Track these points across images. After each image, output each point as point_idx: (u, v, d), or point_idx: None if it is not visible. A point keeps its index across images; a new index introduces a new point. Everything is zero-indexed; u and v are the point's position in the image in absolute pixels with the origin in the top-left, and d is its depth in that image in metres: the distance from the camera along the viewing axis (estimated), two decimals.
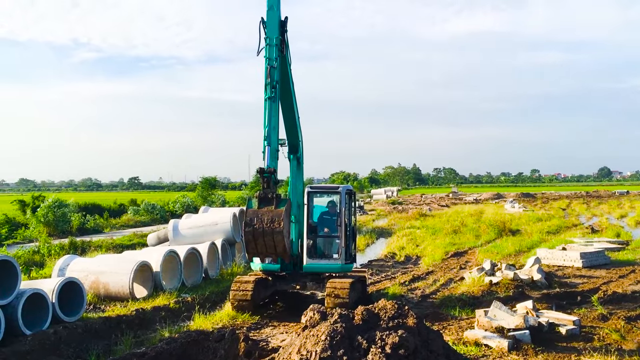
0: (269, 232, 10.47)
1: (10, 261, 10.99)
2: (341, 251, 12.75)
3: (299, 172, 13.77)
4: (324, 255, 13.04)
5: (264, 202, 10.69)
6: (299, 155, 13.69)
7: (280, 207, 10.65)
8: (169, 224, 22.58)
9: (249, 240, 10.79)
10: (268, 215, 10.52)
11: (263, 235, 10.48)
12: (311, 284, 12.86)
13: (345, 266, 12.88)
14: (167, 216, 41.26)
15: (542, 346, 9.35)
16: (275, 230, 10.41)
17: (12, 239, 29.13)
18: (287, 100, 12.86)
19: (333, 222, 13.13)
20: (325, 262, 12.89)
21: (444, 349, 6.78)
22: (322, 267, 12.83)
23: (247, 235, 10.78)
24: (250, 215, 10.61)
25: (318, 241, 13.19)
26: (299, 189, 13.50)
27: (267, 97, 11.27)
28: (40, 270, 18.30)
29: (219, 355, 8.83)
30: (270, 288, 13.19)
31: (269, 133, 11.14)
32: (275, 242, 10.61)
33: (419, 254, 21.94)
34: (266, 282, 13.02)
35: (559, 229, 29.76)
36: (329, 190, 13.96)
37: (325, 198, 13.80)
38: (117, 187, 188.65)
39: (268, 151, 11.12)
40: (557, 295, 13.03)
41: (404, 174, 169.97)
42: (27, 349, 10.07)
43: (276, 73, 11.38)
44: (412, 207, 53.07)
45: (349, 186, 13.58)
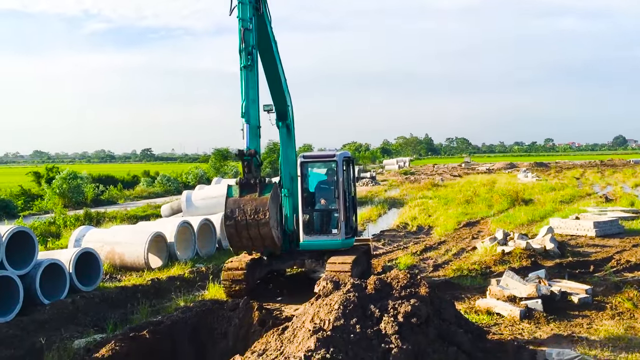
0: (254, 225, 9.37)
1: (28, 232, 11.16)
2: (340, 225, 11.57)
3: (290, 140, 12.50)
4: (322, 231, 11.78)
5: (246, 189, 9.62)
6: (289, 122, 12.38)
7: (265, 194, 9.58)
8: (182, 195, 22.79)
9: (231, 234, 9.72)
10: (251, 204, 9.43)
11: (247, 228, 9.42)
12: (310, 261, 11.71)
13: (345, 241, 11.77)
14: (180, 187, 41.53)
15: (554, 315, 9.39)
16: (261, 222, 9.32)
17: (28, 210, 29.55)
18: (270, 66, 11.53)
19: (331, 193, 11.93)
20: (324, 239, 11.65)
21: (455, 317, 6.84)
22: (320, 244, 11.61)
23: (228, 229, 9.67)
24: (231, 206, 9.50)
25: (315, 216, 11.97)
26: (291, 159, 12.35)
27: (243, 66, 9.95)
28: (56, 241, 18.58)
29: (233, 323, 8.97)
30: (265, 268, 11.94)
31: (247, 108, 9.84)
32: (262, 235, 9.54)
33: (431, 224, 21.95)
34: (260, 262, 11.74)
35: (573, 199, 29.58)
36: (324, 158, 12.41)
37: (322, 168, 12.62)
38: (130, 159, 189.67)
39: (247, 129, 9.80)
40: (570, 265, 13.02)
41: (416, 144, 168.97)
42: (45, 317, 10.29)
43: (252, 36, 10.05)
44: (424, 178, 52.93)
45: (346, 153, 12.36)
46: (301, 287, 11.69)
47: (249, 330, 8.80)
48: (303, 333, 6.10)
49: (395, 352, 5.61)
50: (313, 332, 5.83)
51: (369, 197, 34.30)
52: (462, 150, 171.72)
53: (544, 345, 8.06)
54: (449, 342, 6.23)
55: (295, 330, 6.58)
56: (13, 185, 35.97)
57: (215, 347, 8.80)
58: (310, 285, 10.44)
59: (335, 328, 5.87)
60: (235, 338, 8.75)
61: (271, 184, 9.98)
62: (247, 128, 9.73)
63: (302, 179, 11.80)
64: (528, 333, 8.68)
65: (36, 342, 9.17)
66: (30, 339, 9.40)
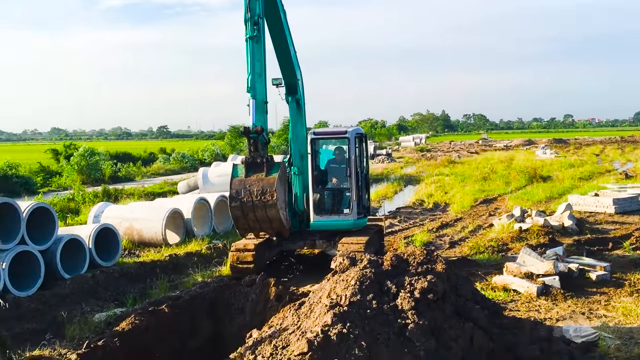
0: (260, 206, 8.93)
1: (48, 208, 11.31)
2: (352, 205, 11.13)
3: (300, 116, 11.98)
4: (333, 211, 11.36)
5: (252, 168, 9.15)
6: (299, 97, 11.81)
7: (272, 173, 9.11)
8: (199, 172, 22.92)
9: (237, 216, 9.27)
10: (257, 185, 8.99)
11: (253, 210, 8.99)
12: (321, 241, 11.28)
13: (358, 222, 11.35)
14: (196, 164, 41.76)
15: (571, 292, 9.36)
16: (268, 203, 8.88)
17: (47, 187, 29.93)
18: (279, 37, 10.90)
19: (342, 171, 11.52)
20: (335, 219, 11.23)
21: (472, 294, 6.83)
22: (331, 224, 11.20)
23: (234, 211, 9.22)
24: (236, 187, 9.04)
25: (326, 194, 11.54)
26: (301, 136, 11.86)
27: (248, 37, 9.45)
28: (75, 217, 18.83)
29: (250, 299, 9.06)
30: (274, 249, 11.55)
31: (253, 82, 9.35)
32: (269, 217, 9.10)
33: (447, 201, 21.87)
34: (269, 243, 11.31)
35: (592, 175, 29.25)
36: (335, 135, 11.95)
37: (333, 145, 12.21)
38: (147, 136, 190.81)
39: (253, 105, 9.31)
40: (588, 242, 12.92)
41: (432, 120, 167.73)
42: (66, 292, 10.48)
43: (258, 5, 9.53)
44: (440, 154, 52.61)
45: (359, 129, 11.85)
46: (312, 268, 11.58)
47: (265, 305, 8.89)
48: (320, 308, 6.14)
49: (412, 327, 5.63)
50: (330, 307, 5.86)
51: (385, 174, 34.21)
52: (480, 127, 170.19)
53: (561, 322, 8.05)
54: (465, 318, 6.23)
55: (312, 305, 6.62)
56: (32, 162, 36.42)
57: (233, 322, 8.92)
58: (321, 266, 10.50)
59: (352, 303, 5.90)
60: (252, 313, 8.85)
61: (279, 163, 9.57)
62: (253, 103, 9.24)
63: (312, 157, 11.34)
64: (545, 310, 8.67)
65: (58, 315, 9.37)
66: (52, 313, 9.59)
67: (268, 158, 9.27)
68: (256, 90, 9.33)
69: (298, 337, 5.69)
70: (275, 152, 43.74)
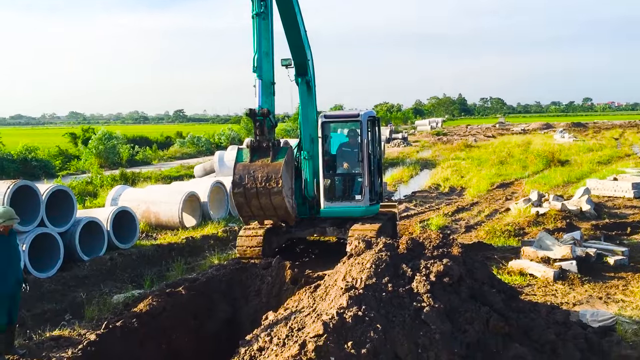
0: (265, 193, 8.48)
1: (66, 191, 11.45)
2: (364, 191, 10.74)
3: (310, 98, 11.35)
4: (344, 197, 10.96)
5: (257, 153, 8.72)
6: (309, 79, 11.21)
7: (279, 159, 8.68)
8: (215, 155, 23.03)
9: (240, 203, 8.84)
10: (262, 171, 8.55)
11: (257, 197, 8.56)
12: (332, 229, 10.86)
13: (370, 208, 10.93)
14: (212, 148, 41.91)
15: (588, 276, 9.29)
16: (272, 190, 8.44)
17: (66, 170, 30.26)
18: (288, 13, 10.22)
19: (354, 156, 11.12)
20: (347, 205, 10.82)
21: (488, 277, 6.80)
22: (342, 211, 10.80)
23: (236, 197, 8.79)
24: (240, 172, 8.61)
25: (337, 180, 11.13)
26: (311, 119, 11.33)
27: (255, 14, 8.98)
28: (93, 200, 19.05)
29: (266, 281, 9.12)
30: (283, 236, 11.14)
31: (259, 62, 8.87)
32: (274, 204, 8.66)
33: (463, 185, 21.76)
34: (278, 229, 10.93)
35: (611, 159, 28.89)
36: (347, 118, 11.53)
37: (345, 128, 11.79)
38: (163, 120, 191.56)
39: (259, 86, 8.86)
40: (606, 226, 12.80)
41: (449, 104, 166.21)
42: (85, 273, 10.65)
43: None
44: (457, 138, 52.24)
45: (371, 112, 11.31)
46: (323, 255, 11.41)
47: (281, 288, 8.94)
48: (335, 291, 6.16)
49: (427, 310, 5.63)
50: (345, 290, 5.87)
51: (401, 158, 34.09)
52: (497, 111, 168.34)
53: (578, 306, 8.01)
54: (481, 302, 6.22)
55: (328, 288, 6.65)
56: (51, 146, 36.80)
57: (249, 304, 8.99)
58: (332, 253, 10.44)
59: (367, 286, 5.91)
60: (268, 295, 8.92)
61: (285, 147, 9.11)
62: (259, 84, 8.78)
63: (323, 141, 10.90)
64: (562, 294, 8.62)
65: (77, 296, 9.53)
66: (71, 294, 9.76)
67: (274, 142, 8.85)
68: (262, 69, 8.88)
69: (313, 319, 5.72)
70: (289, 136, 43.71)
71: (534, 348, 6.05)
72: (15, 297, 7.10)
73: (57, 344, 7.39)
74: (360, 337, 5.25)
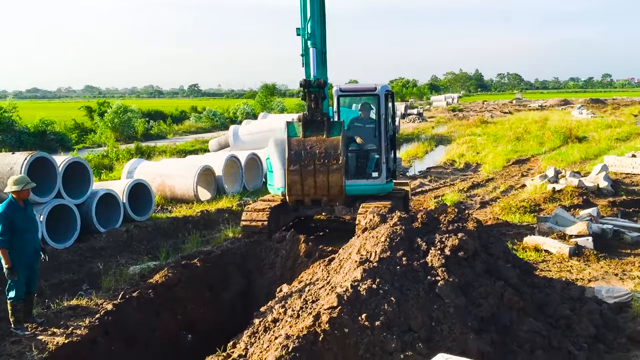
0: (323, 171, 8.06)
1: (83, 163, 11.53)
2: (382, 168, 10.33)
3: (324, 71, 10.47)
4: (360, 174, 10.45)
5: (310, 127, 8.26)
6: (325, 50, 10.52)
7: (334, 134, 8.25)
8: (230, 130, 23.02)
9: (294, 181, 8.35)
10: (320, 146, 8.10)
11: (314, 174, 8.17)
12: (340, 208, 10.39)
13: (386, 186, 10.55)
14: (227, 122, 41.90)
15: (604, 253, 9.23)
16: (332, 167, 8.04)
17: (82, 144, 30.48)
18: None
19: (369, 131, 10.67)
20: (363, 182, 10.29)
21: (503, 253, 6.78)
22: (359, 189, 10.30)
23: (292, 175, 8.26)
24: (296, 148, 8.10)
25: (352, 157, 10.54)
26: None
27: None
28: (109, 173, 19.19)
29: (280, 255, 9.17)
30: (291, 214, 10.86)
31: (313, 29, 8.31)
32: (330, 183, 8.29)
33: (479, 162, 21.59)
34: (285, 208, 10.51)
35: (629, 136, 28.47)
36: (363, 92, 10.96)
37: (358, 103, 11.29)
38: (178, 95, 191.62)
39: (314, 55, 8.34)
40: (624, 203, 12.65)
41: (465, 80, 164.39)
42: (102, 245, 10.77)
43: None
44: (472, 114, 51.71)
45: (386, 86, 10.82)
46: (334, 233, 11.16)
47: (295, 261, 8.99)
48: (350, 264, 6.18)
49: (442, 284, 5.63)
50: (359, 263, 5.88)
51: (416, 134, 33.87)
52: (514, 87, 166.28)
53: (593, 283, 7.96)
54: (496, 276, 6.20)
55: (342, 261, 6.67)
56: (67, 119, 37.01)
57: (263, 277, 9.06)
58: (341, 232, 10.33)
59: (382, 260, 5.91)
60: (283, 268, 8.97)
61: (338, 122, 8.65)
62: (313, 53, 8.21)
63: (338, 115, 10.34)
64: (577, 270, 8.58)
65: (94, 267, 9.65)
66: (88, 265, 9.89)
67: (328, 117, 8.40)
68: (316, 37, 8.32)
69: (328, 292, 5.75)
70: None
71: (549, 323, 6.05)
72: (33, 266, 7.22)
73: (74, 313, 7.52)
74: (374, 310, 5.26)
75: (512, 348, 5.45)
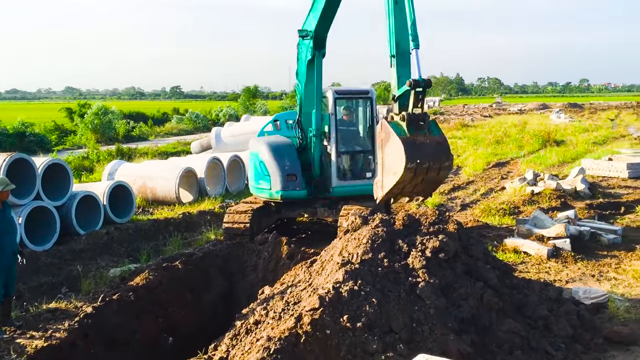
0: (436, 168, 7.79)
1: (62, 165, 11.43)
2: (374, 169, 10.41)
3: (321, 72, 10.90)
4: (355, 175, 10.78)
5: (413, 126, 7.99)
6: (324, 52, 10.77)
7: (434, 132, 8.14)
8: (212, 131, 22.96)
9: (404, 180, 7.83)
10: (430, 145, 7.87)
11: (427, 172, 7.80)
12: (322, 209, 10.67)
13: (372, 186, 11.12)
14: (209, 125, 41.75)
15: (582, 254, 9.37)
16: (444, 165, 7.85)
17: (62, 145, 30.14)
18: None
19: (354, 134, 11.07)
20: (359, 183, 10.60)
21: (483, 254, 6.86)
22: (354, 190, 10.59)
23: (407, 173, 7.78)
24: (411, 146, 7.76)
25: (346, 158, 10.87)
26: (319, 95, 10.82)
27: None
28: (90, 175, 19.02)
29: (262, 257, 9.18)
30: (273, 215, 11.05)
31: (416, 30, 8.37)
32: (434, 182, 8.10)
33: (459, 164, 21.76)
34: (268, 210, 10.78)
35: (606, 140, 28.91)
36: (358, 94, 11.26)
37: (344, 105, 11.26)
38: (160, 96, 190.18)
39: (417, 56, 8.36)
40: (601, 206, 12.86)
41: (446, 84, 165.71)
42: (82, 247, 10.68)
43: None
44: (453, 118, 52.13)
45: (373, 89, 11.39)
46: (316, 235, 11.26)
47: (277, 263, 9.01)
48: (331, 266, 6.21)
49: (422, 285, 5.68)
50: (341, 264, 5.92)
51: None
52: (494, 91, 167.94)
53: (571, 284, 8.09)
54: (476, 277, 6.27)
55: (324, 263, 6.70)
56: (47, 121, 36.58)
57: (245, 279, 9.06)
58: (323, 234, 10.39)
59: (364, 261, 5.95)
60: (265, 270, 8.98)
61: (434, 120, 8.49)
62: (416, 54, 8.24)
63: (335, 117, 10.63)
64: (555, 271, 8.71)
65: (73, 270, 9.57)
66: (68, 267, 9.80)
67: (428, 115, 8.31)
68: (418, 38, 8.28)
69: (310, 294, 5.78)
70: None
71: (527, 323, 6.13)
72: (11, 269, 7.14)
73: (53, 316, 7.44)
74: (355, 311, 5.30)
75: (491, 348, 5.53)
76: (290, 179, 10.31)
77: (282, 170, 10.25)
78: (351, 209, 9.86)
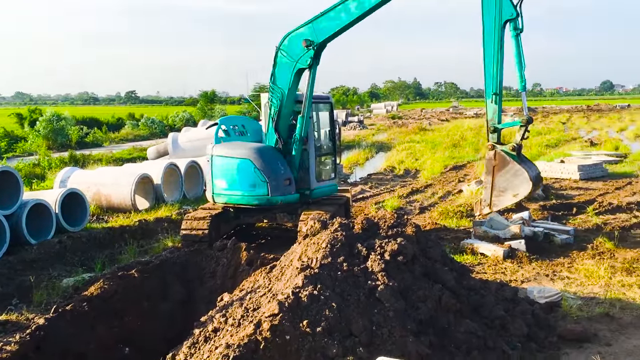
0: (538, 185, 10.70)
1: (12, 172, 11.06)
2: (338, 170, 11.32)
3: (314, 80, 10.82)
4: (325, 177, 11.37)
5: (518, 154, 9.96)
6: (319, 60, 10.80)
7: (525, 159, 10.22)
8: (169, 137, 22.59)
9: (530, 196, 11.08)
10: (535, 169, 10.11)
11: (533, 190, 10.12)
12: (282, 215, 10.81)
13: (337, 187, 11.69)
14: (166, 130, 41.14)
15: (536, 255, 9.60)
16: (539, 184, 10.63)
17: (12, 152, 29.21)
18: None
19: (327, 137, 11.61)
20: (328, 184, 11.33)
21: (441, 256, 6.93)
22: (326, 191, 11.28)
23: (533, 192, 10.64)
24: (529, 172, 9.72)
25: (319, 161, 11.29)
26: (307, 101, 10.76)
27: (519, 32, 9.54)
28: (41, 183, 18.47)
29: (221, 263, 9.05)
30: (232, 222, 11.18)
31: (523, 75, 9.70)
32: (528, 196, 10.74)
33: (418, 168, 22.04)
34: (227, 216, 10.89)
35: (558, 143, 29.77)
36: (321, 99, 11.63)
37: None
38: (115, 101, 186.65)
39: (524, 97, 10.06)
40: (554, 207, 13.21)
41: (404, 88, 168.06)
42: (33, 257, 10.34)
43: None
44: (412, 122, 52.82)
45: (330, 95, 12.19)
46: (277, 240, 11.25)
47: (237, 269, 8.89)
48: (291, 271, 6.17)
49: (382, 289, 5.70)
50: (301, 269, 5.89)
51: (357, 141, 34.25)
52: (451, 95, 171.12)
53: (526, 283, 8.26)
54: (434, 280, 6.33)
55: (283, 268, 6.65)
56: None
57: (204, 286, 8.91)
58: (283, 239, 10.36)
59: (323, 266, 5.93)
60: (224, 277, 8.86)
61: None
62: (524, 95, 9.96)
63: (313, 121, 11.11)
64: (511, 272, 8.88)
65: (24, 280, 9.23)
66: (19, 278, 9.45)
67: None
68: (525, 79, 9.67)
69: (269, 299, 5.72)
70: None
71: (484, 324, 6.22)
72: None
73: (3, 328, 7.18)
74: (315, 316, 5.28)
75: (449, 349, 5.58)
76: (286, 184, 10.51)
77: (280, 176, 10.42)
78: (310, 214, 9.89)
